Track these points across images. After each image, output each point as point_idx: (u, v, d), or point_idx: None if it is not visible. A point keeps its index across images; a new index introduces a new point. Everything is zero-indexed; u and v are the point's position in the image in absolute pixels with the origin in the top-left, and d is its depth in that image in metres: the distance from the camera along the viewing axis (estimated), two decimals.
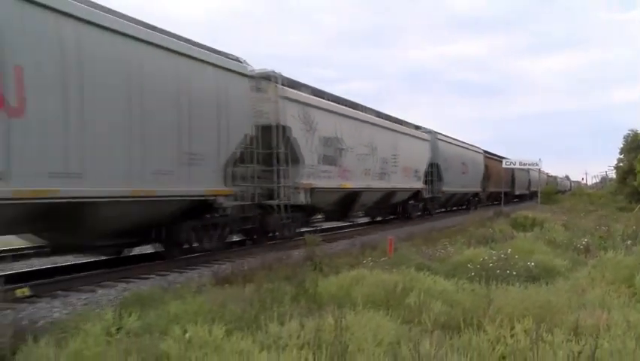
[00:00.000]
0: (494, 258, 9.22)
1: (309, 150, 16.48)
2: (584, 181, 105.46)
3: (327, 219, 21.44)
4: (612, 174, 51.22)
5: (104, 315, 5.34)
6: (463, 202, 36.75)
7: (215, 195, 12.46)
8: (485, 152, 41.66)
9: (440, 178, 29.27)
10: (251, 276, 8.48)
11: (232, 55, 13.52)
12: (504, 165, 36.89)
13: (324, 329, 4.29)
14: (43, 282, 9.60)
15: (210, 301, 6.07)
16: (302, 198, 15.64)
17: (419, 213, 27.87)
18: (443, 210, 33.67)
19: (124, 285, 9.81)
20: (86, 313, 6.09)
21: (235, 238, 15.48)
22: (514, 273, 8.44)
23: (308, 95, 17.24)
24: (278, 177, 14.94)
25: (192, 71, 11.83)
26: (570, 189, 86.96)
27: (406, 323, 5.43)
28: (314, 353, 3.80)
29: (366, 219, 25.24)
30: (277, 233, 15.70)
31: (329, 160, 17.84)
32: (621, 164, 38.65)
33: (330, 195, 18.27)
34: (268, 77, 15.17)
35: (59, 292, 9.19)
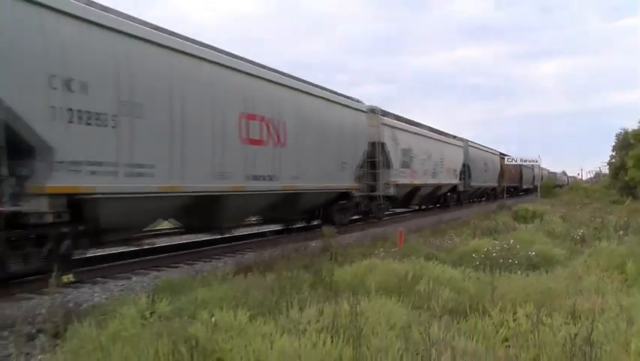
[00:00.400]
0: (497, 248, 9.13)
1: (395, 158, 22.48)
2: (580, 176, 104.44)
3: (394, 206, 25.39)
4: (605, 170, 50.96)
5: (138, 300, 5.33)
6: (484, 195, 41.02)
7: (352, 189, 18.37)
8: (501, 153, 46.01)
9: (470, 176, 34.73)
10: (271, 265, 8.46)
11: (355, 98, 20.14)
12: (506, 162, 39.01)
13: (341, 314, 4.24)
14: (86, 269, 9.65)
15: (234, 288, 6.04)
16: (392, 191, 21.52)
17: (454, 203, 32.87)
18: (471, 200, 38.00)
19: (155, 273, 9.84)
20: (122, 298, 6.11)
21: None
22: (516, 262, 8.36)
23: (393, 120, 23.58)
24: (378, 177, 20.52)
25: (344, 114, 18.27)
26: (567, 184, 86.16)
27: (416, 309, 5.37)
28: (332, 337, 3.75)
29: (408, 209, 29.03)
30: (374, 214, 21.20)
31: (405, 165, 23.87)
32: (614, 160, 38.55)
33: (405, 188, 23.91)
34: (373, 110, 21.21)
35: (99, 278, 9.25)
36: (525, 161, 38.69)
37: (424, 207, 30.14)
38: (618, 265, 7.98)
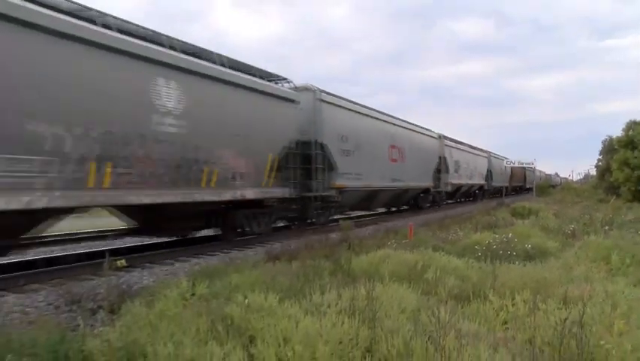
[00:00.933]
0: (497, 241, 9.04)
1: (450, 166, 29.33)
2: (571, 178, 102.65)
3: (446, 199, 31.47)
4: (593, 172, 50.43)
5: (180, 284, 5.41)
6: (498, 191, 44.28)
7: (430, 187, 25.68)
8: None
9: (491, 178, 40.94)
10: (296, 254, 8.48)
11: (429, 128, 26.44)
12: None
13: (358, 298, 4.25)
14: (135, 256, 9.80)
15: (264, 274, 6.08)
16: (449, 188, 28.95)
17: (480, 198, 38.28)
18: (491, 195, 41.51)
19: (196, 260, 9.93)
20: (166, 282, 6.19)
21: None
22: (514, 253, 8.29)
23: (450, 142, 29.96)
24: (442, 179, 28.10)
25: (427, 139, 25.65)
26: (560, 184, 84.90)
27: (425, 295, 5.36)
28: (349, 318, 3.77)
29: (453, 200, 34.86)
30: (437, 203, 27.83)
31: (455, 170, 30.70)
32: (600, 163, 38.15)
33: (454, 186, 30.70)
34: (440, 136, 28.20)
35: (147, 264, 9.38)
36: (522, 163, 39.43)
37: (463, 199, 37.17)
38: (604, 256, 7.96)
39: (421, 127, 25.24)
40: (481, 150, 40.17)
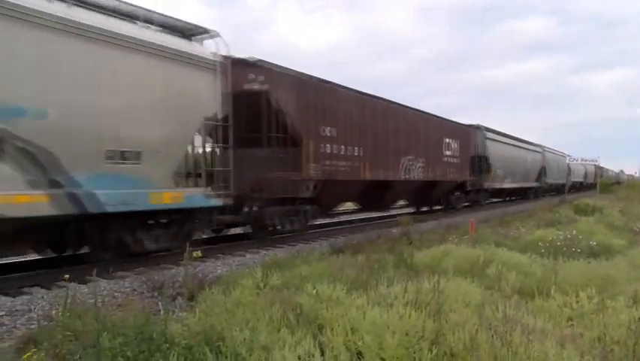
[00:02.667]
0: (561, 237, 8.64)
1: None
2: (637, 174, 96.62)
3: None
4: None
5: (255, 273, 5.52)
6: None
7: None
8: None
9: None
10: (359, 248, 8.47)
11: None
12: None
13: (422, 292, 4.19)
14: (210, 247, 10.11)
15: (331, 266, 6.11)
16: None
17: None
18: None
19: (264, 252, 10.12)
20: (241, 272, 6.35)
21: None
22: (578, 250, 7.89)
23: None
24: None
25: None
26: (626, 181, 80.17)
27: (488, 289, 5.21)
28: (415, 310, 3.72)
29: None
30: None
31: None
32: None
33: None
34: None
35: (220, 255, 9.64)
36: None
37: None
38: None
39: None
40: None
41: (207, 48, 9.45)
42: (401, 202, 20.77)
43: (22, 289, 6.88)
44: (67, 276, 5.00)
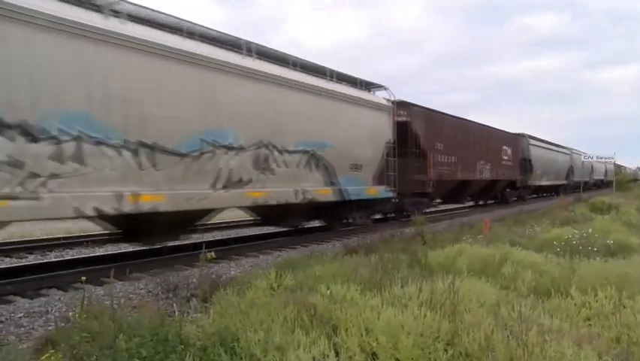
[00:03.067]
0: (577, 236, 8.51)
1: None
2: None
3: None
4: None
5: (268, 274, 5.53)
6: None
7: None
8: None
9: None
10: (372, 248, 8.42)
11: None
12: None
13: (437, 292, 4.16)
14: (222, 248, 10.17)
15: (344, 266, 6.08)
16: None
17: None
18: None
19: (278, 252, 10.15)
20: (255, 273, 6.36)
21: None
22: (595, 249, 7.73)
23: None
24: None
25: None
26: None
27: (503, 289, 5.15)
28: (430, 311, 3.69)
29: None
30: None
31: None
32: None
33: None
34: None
35: (233, 256, 9.69)
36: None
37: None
38: None
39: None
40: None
41: (381, 96, 15.21)
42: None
43: (39, 291, 6.98)
44: (83, 278, 5.05)
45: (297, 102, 11.06)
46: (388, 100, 15.10)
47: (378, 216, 16.40)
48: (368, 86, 14.62)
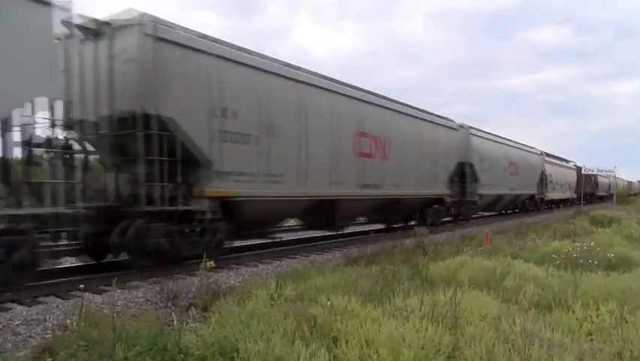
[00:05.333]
0: (578, 249, 8.49)
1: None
2: None
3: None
4: None
5: (269, 284, 5.51)
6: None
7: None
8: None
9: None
10: (373, 259, 8.41)
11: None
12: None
13: (438, 304, 4.14)
14: (222, 258, 10.09)
15: (345, 277, 6.07)
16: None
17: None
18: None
19: (277, 262, 10.08)
20: (255, 282, 6.33)
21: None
22: (596, 262, 7.73)
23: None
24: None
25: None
26: None
27: (505, 302, 5.14)
28: (431, 323, 3.68)
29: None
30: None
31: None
32: None
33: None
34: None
35: (233, 265, 9.62)
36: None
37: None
38: None
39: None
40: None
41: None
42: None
43: (37, 299, 6.94)
44: (82, 286, 5.03)
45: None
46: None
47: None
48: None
